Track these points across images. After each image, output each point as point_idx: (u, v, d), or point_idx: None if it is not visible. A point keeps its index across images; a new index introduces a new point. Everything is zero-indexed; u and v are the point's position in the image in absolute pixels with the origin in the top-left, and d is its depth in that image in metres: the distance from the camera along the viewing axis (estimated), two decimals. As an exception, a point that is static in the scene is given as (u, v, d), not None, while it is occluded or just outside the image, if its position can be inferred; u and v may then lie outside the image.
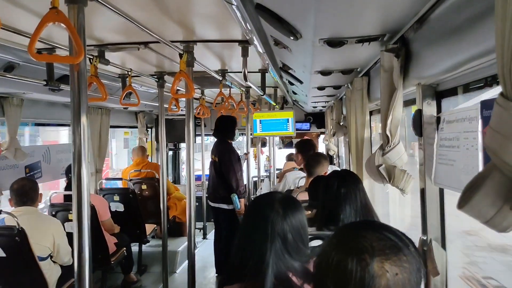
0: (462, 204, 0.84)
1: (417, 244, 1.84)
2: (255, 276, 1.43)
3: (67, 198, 4.18)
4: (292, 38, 1.71)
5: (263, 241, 1.47)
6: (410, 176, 1.83)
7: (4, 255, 3.07)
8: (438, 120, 1.62)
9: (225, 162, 5.07)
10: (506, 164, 0.75)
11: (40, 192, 3.51)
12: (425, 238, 1.81)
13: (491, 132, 0.76)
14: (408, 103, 2.11)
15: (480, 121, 1.25)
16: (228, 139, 5.30)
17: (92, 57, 2.75)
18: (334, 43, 1.77)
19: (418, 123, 1.75)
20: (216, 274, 5.41)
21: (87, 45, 1.91)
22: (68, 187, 4.35)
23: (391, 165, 1.87)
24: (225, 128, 5.26)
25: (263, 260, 1.44)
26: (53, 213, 3.94)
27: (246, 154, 6.04)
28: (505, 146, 0.74)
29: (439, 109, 1.70)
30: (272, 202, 1.55)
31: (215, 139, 5.51)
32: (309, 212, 2.56)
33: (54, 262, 3.41)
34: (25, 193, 3.36)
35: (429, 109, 1.70)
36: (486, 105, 1.21)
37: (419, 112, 1.73)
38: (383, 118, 1.82)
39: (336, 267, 0.90)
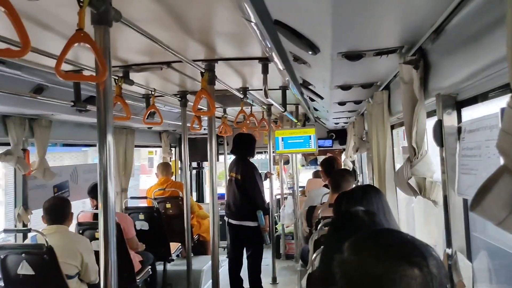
0: (474, 206, 0.84)
1: (442, 257, 1.81)
2: None
3: (96, 217, 4.24)
4: (310, 53, 1.74)
5: None
6: (441, 187, 1.81)
7: (33, 273, 3.13)
8: (459, 130, 1.61)
9: (250, 179, 5.05)
10: None
11: (72, 211, 3.58)
12: (449, 251, 1.78)
13: (502, 134, 0.77)
14: (429, 114, 2.10)
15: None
16: (249, 156, 5.29)
17: (117, 78, 2.83)
18: (353, 56, 1.80)
19: (438, 133, 1.74)
20: None
21: (112, 66, 1.98)
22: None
23: (421, 177, 1.86)
24: (246, 146, 5.23)
25: None
26: (80, 231, 3.99)
27: (270, 173, 5.97)
28: None
29: (459, 119, 1.69)
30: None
31: (234, 157, 5.45)
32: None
33: (81, 280, 3.47)
34: (56, 211, 3.43)
35: (450, 119, 1.69)
36: (506, 112, 1.21)
37: (439, 123, 1.73)
38: (408, 131, 1.82)
39: (401, 279, 0.82)
